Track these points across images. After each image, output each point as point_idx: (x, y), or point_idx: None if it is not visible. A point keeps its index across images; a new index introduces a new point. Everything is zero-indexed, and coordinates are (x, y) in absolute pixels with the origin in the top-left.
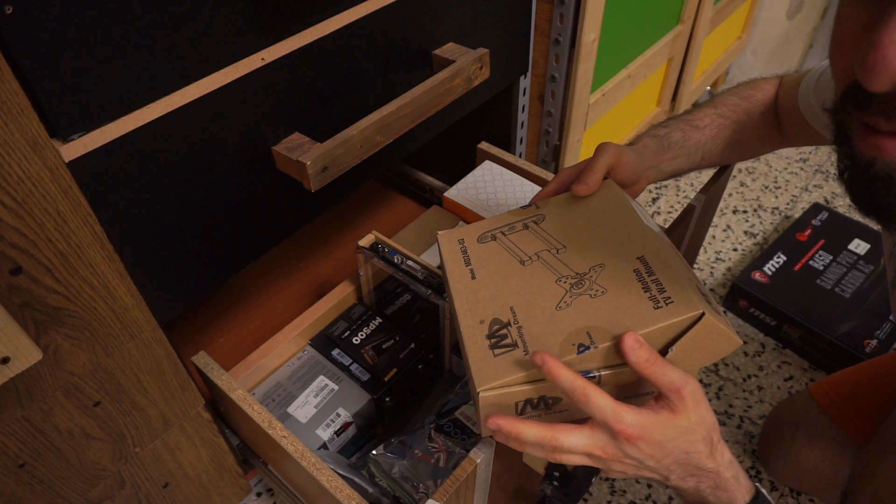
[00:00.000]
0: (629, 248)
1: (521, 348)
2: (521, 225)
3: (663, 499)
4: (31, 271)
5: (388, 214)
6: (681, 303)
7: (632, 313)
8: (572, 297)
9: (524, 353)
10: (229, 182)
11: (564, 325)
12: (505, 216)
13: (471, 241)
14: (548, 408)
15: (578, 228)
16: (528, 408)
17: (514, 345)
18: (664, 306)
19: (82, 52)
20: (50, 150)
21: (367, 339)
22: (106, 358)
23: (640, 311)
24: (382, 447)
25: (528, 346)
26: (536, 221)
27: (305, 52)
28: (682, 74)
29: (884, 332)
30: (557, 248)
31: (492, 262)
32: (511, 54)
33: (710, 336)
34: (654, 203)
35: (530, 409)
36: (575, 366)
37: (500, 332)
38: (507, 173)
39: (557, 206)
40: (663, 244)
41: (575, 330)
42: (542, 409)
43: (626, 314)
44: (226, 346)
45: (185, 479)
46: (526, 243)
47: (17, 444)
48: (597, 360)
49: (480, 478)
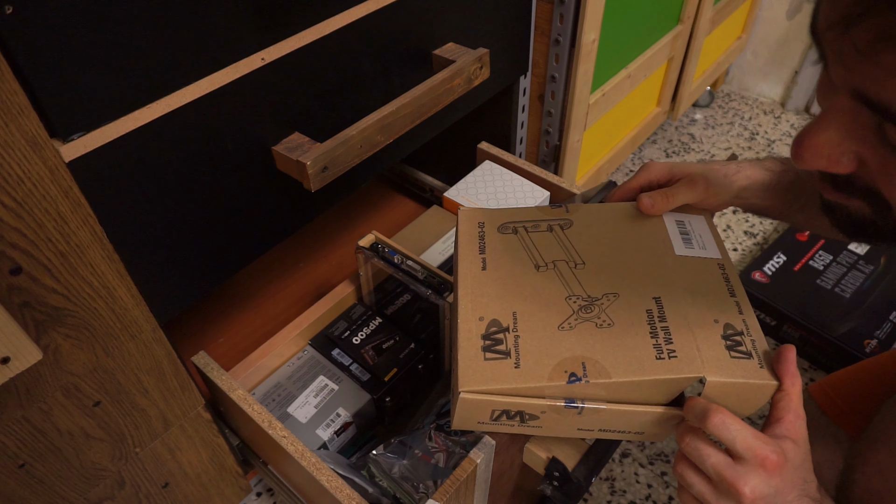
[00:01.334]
0: (648, 283)
1: (512, 359)
2: (546, 226)
3: (663, 499)
4: (31, 271)
5: (388, 214)
6: (684, 360)
7: (632, 357)
8: (577, 321)
9: (515, 365)
10: (229, 182)
11: (562, 349)
12: (532, 210)
13: (491, 228)
14: (522, 421)
15: (602, 247)
16: (504, 417)
17: (508, 354)
18: (666, 359)
19: (82, 51)
20: (50, 150)
21: (367, 339)
22: (106, 358)
23: (640, 356)
24: (382, 447)
25: (521, 359)
26: (562, 226)
27: (305, 52)
28: (682, 74)
29: (884, 332)
30: (576, 263)
31: (506, 258)
32: (511, 54)
33: (729, 391)
34: None
35: (505, 419)
36: (560, 391)
37: (496, 336)
38: (507, 173)
39: (588, 216)
40: (694, 282)
41: (572, 357)
42: (516, 421)
43: (625, 356)
44: (226, 346)
45: (185, 479)
46: (546, 247)
47: (17, 444)
48: (584, 391)
49: (480, 478)
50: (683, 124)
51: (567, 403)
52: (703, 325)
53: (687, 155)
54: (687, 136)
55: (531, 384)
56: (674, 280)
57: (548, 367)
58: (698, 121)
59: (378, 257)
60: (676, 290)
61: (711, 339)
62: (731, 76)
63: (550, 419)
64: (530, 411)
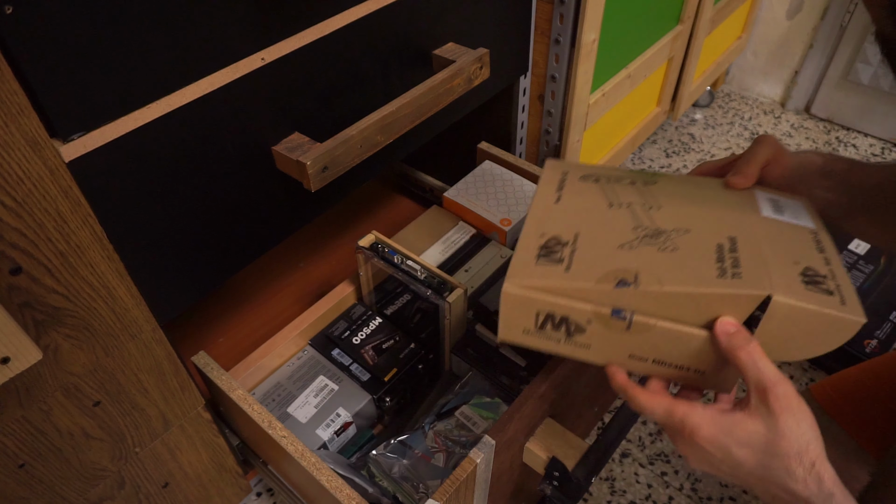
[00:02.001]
0: (724, 226)
1: (564, 265)
2: (630, 181)
3: (663, 499)
4: (31, 271)
5: (388, 214)
6: (750, 280)
7: (690, 272)
8: (640, 244)
9: (566, 269)
10: (229, 182)
11: (617, 261)
12: (619, 170)
13: (573, 177)
14: (569, 335)
15: (683, 200)
16: (549, 325)
17: (561, 260)
18: (728, 278)
19: (82, 51)
20: (50, 150)
21: (367, 339)
22: (106, 358)
23: (701, 273)
24: (382, 447)
25: (573, 265)
26: (646, 183)
27: (305, 52)
28: (682, 74)
29: (884, 332)
30: (651, 206)
31: (581, 197)
32: (511, 54)
33: (799, 321)
34: None
35: (550, 328)
36: (607, 297)
37: (553, 248)
38: (507, 173)
39: (674, 181)
40: (779, 236)
41: (626, 267)
42: (562, 334)
43: (683, 271)
44: (226, 346)
45: (185, 479)
46: (624, 194)
47: (17, 444)
48: (633, 300)
49: (480, 478)
50: (683, 124)
51: (614, 313)
52: (780, 262)
53: (687, 155)
54: (687, 136)
55: (578, 284)
56: (755, 230)
57: (598, 272)
58: (698, 121)
59: (378, 257)
60: (755, 235)
61: (787, 272)
62: (731, 76)
63: (598, 334)
64: (576, 319)
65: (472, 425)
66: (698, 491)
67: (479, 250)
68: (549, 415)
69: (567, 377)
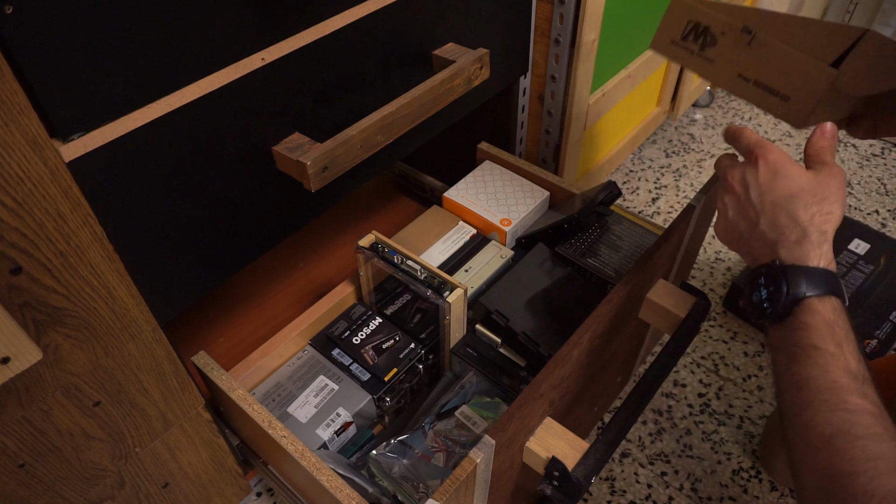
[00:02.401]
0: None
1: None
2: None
3: (663, 499)
4: (31, 271)
5: (388, 214)
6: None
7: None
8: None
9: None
10: (229, 182)
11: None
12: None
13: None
14: (702, 47)
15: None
16: (691, 36)
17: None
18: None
19: (82, 51)
20: (50, 150)
21: (367, 339)
22: (106, 358)
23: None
24: (382, 447)
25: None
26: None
27: (305, 52)
28: (682, 74)
29: (884, 332)
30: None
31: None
32: (511, 54)
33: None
34: (654, 203)
35: (692, 39)
36: (742, 15)
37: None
38: (507, 173)
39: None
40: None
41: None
42: (697, 46)
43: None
44: (226, 346)
45: (185, 479)
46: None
47: (17, 444)
48: (760, 20)
49: (480, 478)
50: (683, 124)
51: (743, 28)
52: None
53: (687, 155)
54: (687, 136)
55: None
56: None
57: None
58: (698, 121)
59: (378, 257)
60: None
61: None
62: None
63: (724, 48)
64: (714, 29)
65: (472, 425)
66: (698, 491)
67: (479, 250)
68: (549, 415)
69: (567, 377)
